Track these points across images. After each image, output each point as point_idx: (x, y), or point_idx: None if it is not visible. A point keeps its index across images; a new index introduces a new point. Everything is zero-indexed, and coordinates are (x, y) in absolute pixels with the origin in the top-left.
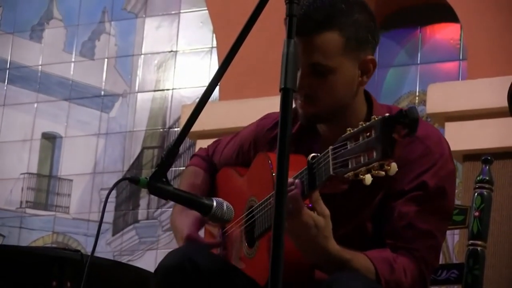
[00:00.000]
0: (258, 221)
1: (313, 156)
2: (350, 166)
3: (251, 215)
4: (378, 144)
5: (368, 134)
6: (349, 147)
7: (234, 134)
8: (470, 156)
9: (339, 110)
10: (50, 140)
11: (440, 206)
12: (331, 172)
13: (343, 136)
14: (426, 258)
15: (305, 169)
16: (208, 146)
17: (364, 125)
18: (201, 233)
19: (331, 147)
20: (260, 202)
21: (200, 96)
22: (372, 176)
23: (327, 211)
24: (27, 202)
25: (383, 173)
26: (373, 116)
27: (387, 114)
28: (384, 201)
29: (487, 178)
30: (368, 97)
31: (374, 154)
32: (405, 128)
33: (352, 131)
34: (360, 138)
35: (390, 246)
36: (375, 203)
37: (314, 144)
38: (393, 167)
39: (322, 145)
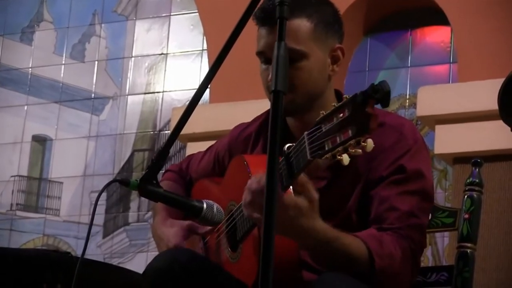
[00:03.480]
0: (239, 222)
1: (288, 146)
2: (326, 148)
3: (231, 219)
4: (352, 121)
5: (341, 114)
6: (324, 130)
7: (206, 149)
8: (460, 159)
9: (314, 99)
10: (41, 142)
11: (419, 188)
12: (308, 157)
13: (317, 120)
14: (412, 236)
15: (282, 159)
16: (181, 162)
17: (336, 105)
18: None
19: (306, 132)
20: (239, 204)
21: (190, 98)
22: (350, 155)
23: (314, 195)
24: (17, 204)
25: (360, 151)
26: (344, 96)
27: (358, 91)
28: (365, 190)
29: (477, 180)
30: (339, 95)
31: (350, 132)
32: (378, 101)
33: (325, 113)
34: (334, 119)
35: (376, 230)
36: (357, 194)
37: (286, 142)
38: (370, 143)
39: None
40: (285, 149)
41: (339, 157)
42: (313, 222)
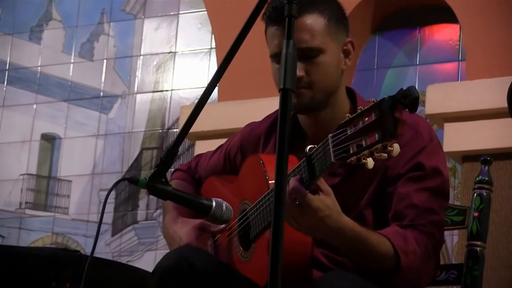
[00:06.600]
0: (253, 222)
1: (310, 148)
2: (351, 151)
3: (245, 217)
4: (379, 125)
5: (367, 118)
6: (349, 133)
7: (216, 148)
8: (469, 157)
9: (330, 94)
10: (49, 141)
11: (437, 185)
12: (333, 159)
13: (341, 122)
14: (433, 233)
15: (303, 161)
16: (190, 161)
17: (363, 109)
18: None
19: (330, 134)
20: (255, 203)
21: (199, 97)
22: (374, 159)
23: (329, 188)
24: (26, 203)
25: (386, 155)
26: (372, 100)
27: (386, 96)
28: (381, 188)
29: (486, 178)
30: (351, 93)
31: (376, 136)
32: (406, 107)
33: (350, 116)
34: (360, 123)
35: (398, 227)
36: (371, 191)
37: (301, 143)
38: (396, 147)
39: (309, 143)
40: (307, 150)
41: (364, 160)
42: (342, 218)
